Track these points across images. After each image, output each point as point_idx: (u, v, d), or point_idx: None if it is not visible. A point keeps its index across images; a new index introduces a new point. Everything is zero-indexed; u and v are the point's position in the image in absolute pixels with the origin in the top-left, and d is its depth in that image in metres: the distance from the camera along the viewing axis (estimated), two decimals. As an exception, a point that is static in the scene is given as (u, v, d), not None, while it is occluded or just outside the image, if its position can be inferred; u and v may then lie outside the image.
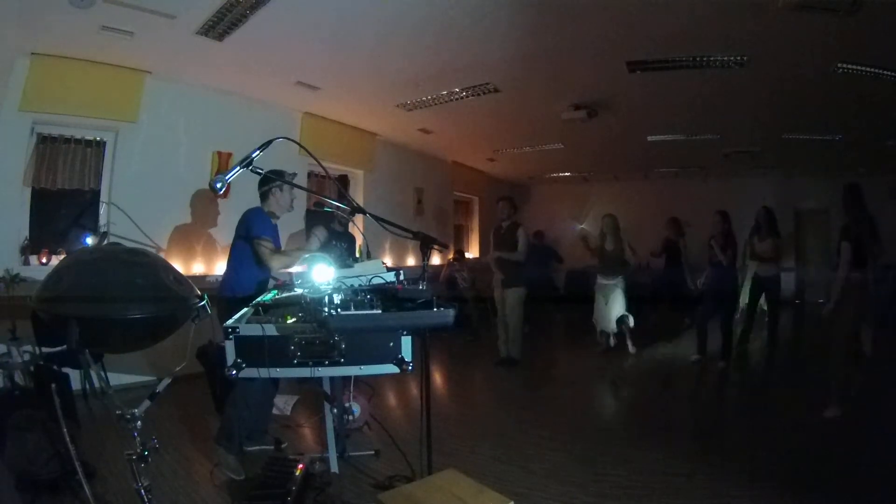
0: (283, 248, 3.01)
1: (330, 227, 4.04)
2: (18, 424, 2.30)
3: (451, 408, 3.98)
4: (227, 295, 2.70)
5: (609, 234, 5.52)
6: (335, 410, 2.56)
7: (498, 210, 5.29)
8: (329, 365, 1.60)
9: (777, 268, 5.28)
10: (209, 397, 3.50)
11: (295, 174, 2.86)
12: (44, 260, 3.95)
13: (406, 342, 1.63)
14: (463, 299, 6.74)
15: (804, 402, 3.76)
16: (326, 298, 1.61)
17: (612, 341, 5.71)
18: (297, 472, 2.41)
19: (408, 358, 1.63)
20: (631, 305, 5.52)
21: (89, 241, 3.86)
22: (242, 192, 3.43)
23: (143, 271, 1.48)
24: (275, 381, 2.77)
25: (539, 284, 7.55)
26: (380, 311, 1.58)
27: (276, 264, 2.73)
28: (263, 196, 2.88)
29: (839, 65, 4.10)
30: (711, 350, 5.10)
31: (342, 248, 3.67)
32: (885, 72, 4.15)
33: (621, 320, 5.51)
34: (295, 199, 2.98)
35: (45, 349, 3.25)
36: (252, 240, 2.71)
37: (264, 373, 1.59)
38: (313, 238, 3.74)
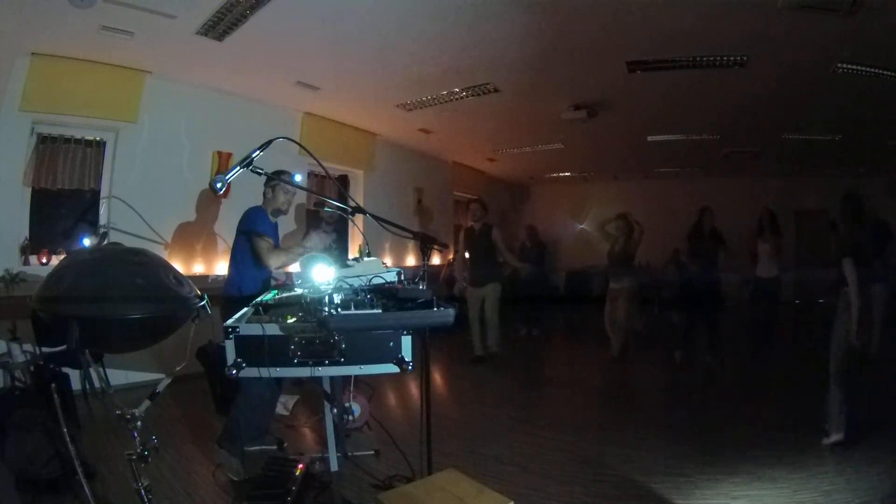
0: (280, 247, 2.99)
1: (319, 229, 4.02)
2: (18, 424, 2.30)
3: (451, 408, 3.98)
4: (233, 294, 2.69)
5: (620, 236, 5.35)
6: (335, 410, 2.55)
7: (470, 212, 5.46)
8: (329, 365, 1.60)
9: (778, 269, 5.28)
10: (209, 397, 3.50)
11: (290, 173, 2.77)
12: (44, 260, 3.95)
13: (406, 342, 1.63)
14: (463, 299, 6.73)
15: (805, 402, 3.76)
16: (326, 298, 1.61)
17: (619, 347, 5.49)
18: (297, 472, 2.41)
19: (408, 358, 1.63)
20: (642, 311, 5.39)
21: (86, 242, 3.86)
22: (243, 192, 3.42)
23: (143, 271, 1.48)
24: (278, 382, 2.77)
25: (536, 283, 7.56)
26: (380, 311, 1.57)
27: (273, 262, 2.72)
28: (263, 194, 2.89)
29: (839, 65, 4.10)
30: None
31: (334, 249, 3.66)
32: (885, 72, 4.16)
33: (628, 327, 5.32)
34: (291, 201, 2.95)
35: (45, 349, 3.24)
36: (251, 237, 2.71)
37: (264, 372, 1.59)
38: (311, 237, 3.73)
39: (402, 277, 2.04)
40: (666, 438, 3.20)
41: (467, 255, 5.45)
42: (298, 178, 2.56)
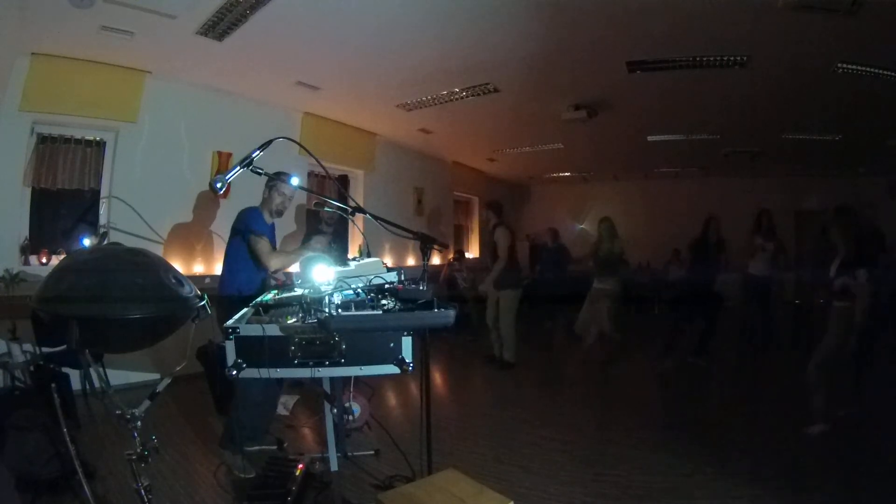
0: (278, 249, 2.98)
1: (318, 230, 4.01)
2: (18, 424, 2.30)
3: (451, 408, 3.98)
4: (232, 294, 2.68)
5: (605, 240, 5.14)
6: (335, 410, 2.55)
7: (483, 216, 5.35)
8: (329, 365, 1.60)
9: (771, 269, 5.28)
10: (209, 397, 3.50)
11: (287, 174, 2.70)
12: (44, 260, 3.95)
13: (406, 342, 1.62)
14: (463, 299, 6.74)
15: (805, 401, 3.75)
16: (327, 299, 1.61)
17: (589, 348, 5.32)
18: (297, 472, 2.42)
19: (408, 358, 1.62)
20: (622, 315, 5.09)
21: (86, 242, 3.87)
22: (243, 192, 3.42)
23: (143, 271, 1.48)
24: (279, 381, 2.76)
25: (543, 284, 7.61)
26: (380, 312, 1.57)
27: (273, 264, 2.72)
28: (262, 194, 2.88)
29: (839, 65, 4.10)
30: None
31: (333, 249, 3.65)
32: (885, 72, 4.15)
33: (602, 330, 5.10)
34: (287, 203, 2.92)
35: (45, 349, 3.24)
36: (248, 238, 2.70)
37: (265, 373, 1.59)
38: (311, 244, 3.72)
39: (403, 278, 2.04)
40: (666, 438, 3.21)
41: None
42: (296, 180, 2.55)
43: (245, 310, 1.89)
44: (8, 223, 3.81)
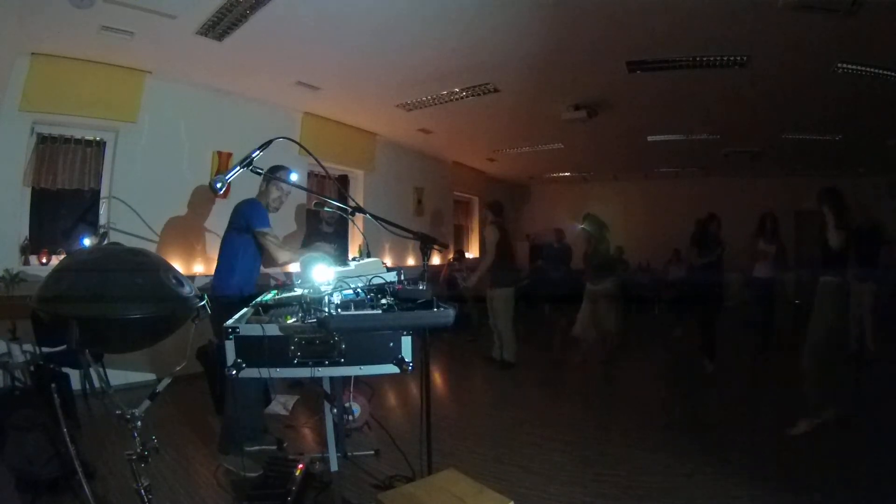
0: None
1: (318, 230, 4.00)
2: (18, 424, 2.30)
3: (451, 408, 3.98)
4: (229, 292, 2.66)
5: (595, 239, 5.04)
6: (335, 410, 2.55)
7: (483, 216, 5.40)
8: (329, 365, 1.60)
9: (774, 271, 5.29)
10: (209, 397, 3.49)
11: (287, 169, 2.74)
12: (44, 260, 3.95)
13: (406, 342, 1.63)
14: (463, 299, 6.73)
15: (805, 402, 3.75)
16: (326, 298, 1.61)
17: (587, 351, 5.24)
18: (297, 472, 2.42)
19: (408, 358, 1.63)
20: (623, 316, 5.00)
21: (87, 241, 3.87)
22: (243, 192, 3.42)
23: (143, 271, 1.48)
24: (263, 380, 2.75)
25: (547, 284, 7.65)
26: (379, 311, 1.58)
27: (282, 257, 2.71)
28: (259, 187, 2.88)
29: (839, 65, 4.10)
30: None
31: (335, 250, 3.66)
32: (885, 72, 4.15)
33: (604, 332, 5.01)
34: (284, 199, 2.92)
35: (45, 349, 3.25)
36: (254, 232, 2.69)
37: (264, 372, 1.59)
38: (317, 248, 3.71)
39: (403, 278, 2.04)
40: (665, 438, 3.21)
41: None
42: (295, 176, 2.54)
43: (245, 309, 1.89)
44: (8, 223, 3.80)
